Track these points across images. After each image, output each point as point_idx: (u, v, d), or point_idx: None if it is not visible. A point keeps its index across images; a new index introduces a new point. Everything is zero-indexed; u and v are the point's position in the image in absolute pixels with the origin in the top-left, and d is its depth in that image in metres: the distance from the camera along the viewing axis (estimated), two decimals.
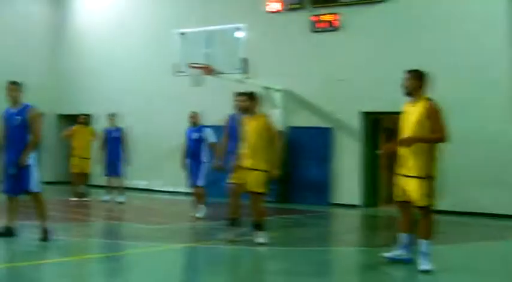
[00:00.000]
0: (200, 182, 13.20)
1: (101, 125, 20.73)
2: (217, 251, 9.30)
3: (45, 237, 8.90)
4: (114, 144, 16.15)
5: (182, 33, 17.46)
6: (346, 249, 10.29)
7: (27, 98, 22.72)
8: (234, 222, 9.96)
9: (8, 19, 22.78)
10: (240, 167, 9.51)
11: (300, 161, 18.06)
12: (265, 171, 9.45)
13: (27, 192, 8.93)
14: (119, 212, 14.67)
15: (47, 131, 23.76)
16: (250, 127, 9.64)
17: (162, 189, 19.48)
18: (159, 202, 17.05)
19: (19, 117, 8.89)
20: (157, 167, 19.79)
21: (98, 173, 17.40)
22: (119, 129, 16.27)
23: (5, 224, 9.11)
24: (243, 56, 16.19)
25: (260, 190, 9.45)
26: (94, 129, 16.99)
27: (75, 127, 16.80)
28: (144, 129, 18.06)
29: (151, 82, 21.06)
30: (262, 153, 9.45)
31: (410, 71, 8.04)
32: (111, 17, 22.90)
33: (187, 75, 16.98)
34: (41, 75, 23.56)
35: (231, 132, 10.96)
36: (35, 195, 8.97)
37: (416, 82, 7.93)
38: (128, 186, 17.12)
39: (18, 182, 8.86)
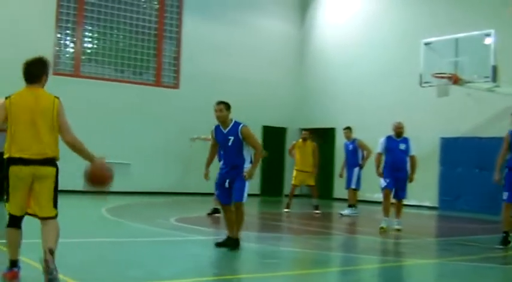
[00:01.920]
0: (404, 195, 12.69)
1: (343, 139, 20.92)
2: (459, 268, 8.71)
3: (234, 245, 8.92)
4: (350, 157, 16.22)
5: (427, 43, 17.04)
6: None
7: (275, 114, 23.57)
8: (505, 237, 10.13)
9: (255, 39, 23.89)
10: None
11: None
12: None
13: (235, 201, 9.05)
14: (354, 225, 14.53)
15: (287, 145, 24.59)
16: None
17: (405, 203, 18.99)
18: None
19: (231, 137, 9.03)
20: None
21: (340, 187, 17.42)
22: (353, 142, 16.24)
23: (227, 235, 9.20)
24: (492, 63, 15.35)
25: None
26: (315, 144, 16.99)
27: (296, 142, 17.00)
28: None
29: (394, 93, 20.82)
30: None
31: None
32: (353, 30, 23.05)
33: (432, 86, 16.50)
34: (288, 90, 24.48)
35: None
36: (239, 205, 9.00)
37: None
38: (371, 199, 16.94)
39: (230, 194, 9.06)
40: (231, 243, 8.90)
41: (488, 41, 15.59)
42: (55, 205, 5.96)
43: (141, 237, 10.26)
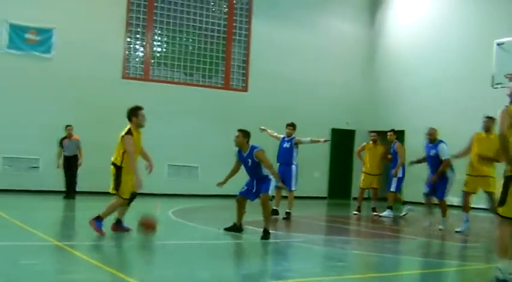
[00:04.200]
0: (441, 195, 13.14)
1: (414, 141, 20.62)
2: None
3: (266, 236, 10.24)
4: (392, 160, 16.34)
5: (500, 44, 16.65)
6: None
7: (343, 116, 23.33)
8: None
9: (324, 41, 23.78)
10: None
11: None
12: None
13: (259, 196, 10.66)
14: (421, 227, 14.25)
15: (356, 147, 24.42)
16: None
17: (476, 207, 18.55)
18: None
19: (249, 159, 10.65)
20: None
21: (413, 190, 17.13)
22: (393, 145, 16.26)
23: (234, 222, 10.98)
24: None
25: None
26: (384, 147, 16.82)
27: (366, 144, 16.86)
28: (463, 144, 17.27)
29: (466, 95, 20.37)
30: None
31: None
32: (423, 30, 22.69)
33: (505, 87, 16.11)
34: (357, 93, 24.25)
35: None
36: (263, 199, 10.54)
37: None
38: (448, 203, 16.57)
39: (256, 193, 10.72)
40: (264, 236, 10.27)
41: None
42: (115, 189, 9.71)
43: (208, 240, 10.33)
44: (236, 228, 10.92)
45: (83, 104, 18.96)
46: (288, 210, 14.17)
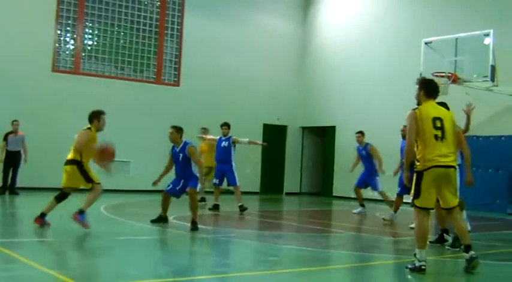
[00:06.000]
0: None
1: (343, 136, 20.99)
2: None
3: (194, 227, 10.71)
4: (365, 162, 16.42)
5: (427, 42, 17.09)
6: None
7: (275, 112, 23.52)
8: None
9: (256, 37, 23.89)
10: None
11: None
12: None
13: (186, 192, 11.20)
14: (349, 222, 14.54)
15: (293, 143, 24.63)
16: None
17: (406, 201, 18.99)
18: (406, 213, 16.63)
19: (181, 154, 11.27)
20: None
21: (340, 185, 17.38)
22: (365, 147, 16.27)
23: (160, 214, 11.61)
24: (491, 63, 15.40)
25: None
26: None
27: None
28: (392, 141, 17.56)
29: (395, 93, 20.81)
30: None
31: None
32: (354, 30, 23.07)
33: None
34: (289, 89, 24.47)
35: None
36: (191, 192, 11.01)
37: None
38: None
39: (182, 188, 11.31)
40: (193, 227, 10.75)
41: (487, 41, 15.62)
42: (88, 181, 10.15)
43: (140, 236, 10.31)
44: (162, 219, 11.58)
45: (13, 97, 18.54)
46: (240, 204, 14.55)
